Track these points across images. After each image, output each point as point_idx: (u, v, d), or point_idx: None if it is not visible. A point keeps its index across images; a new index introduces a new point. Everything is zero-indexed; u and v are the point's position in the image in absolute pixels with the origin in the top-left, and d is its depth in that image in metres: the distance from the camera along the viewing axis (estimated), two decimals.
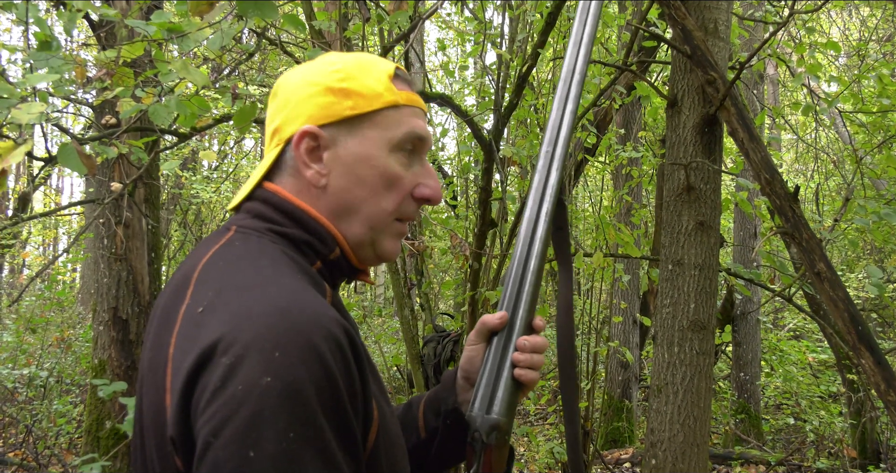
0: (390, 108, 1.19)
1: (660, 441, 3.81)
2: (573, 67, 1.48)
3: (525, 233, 1.37)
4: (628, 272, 8.37)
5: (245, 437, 0.88)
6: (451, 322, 6.41)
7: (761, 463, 7.58)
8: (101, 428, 5.32)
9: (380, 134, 1.18)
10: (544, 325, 1.35)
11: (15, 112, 1.86)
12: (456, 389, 1.40)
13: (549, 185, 1.40)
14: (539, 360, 1.31)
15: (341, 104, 1.18)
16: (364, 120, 1.18)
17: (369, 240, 1.20)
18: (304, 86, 1.21)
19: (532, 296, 1.33)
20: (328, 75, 1.20)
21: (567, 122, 1.44)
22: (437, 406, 1.40)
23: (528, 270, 1.34)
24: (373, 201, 1.18)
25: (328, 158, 1.18)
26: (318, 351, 0.93)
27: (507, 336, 1.32)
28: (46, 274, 10.88)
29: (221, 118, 3.77)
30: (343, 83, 1.18)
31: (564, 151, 1.42)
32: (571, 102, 1.45)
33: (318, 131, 1.17)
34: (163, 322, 1.08)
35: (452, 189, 6.64)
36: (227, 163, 13.14)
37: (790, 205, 3.58)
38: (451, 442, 1.35)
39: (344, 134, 1.18)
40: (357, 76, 1.19)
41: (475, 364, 1.36)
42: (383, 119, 1.19)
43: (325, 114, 1.18)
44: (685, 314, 3.81)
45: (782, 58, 5.58)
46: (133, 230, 5.45)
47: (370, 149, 1.18)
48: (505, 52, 5.01)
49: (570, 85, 1.47)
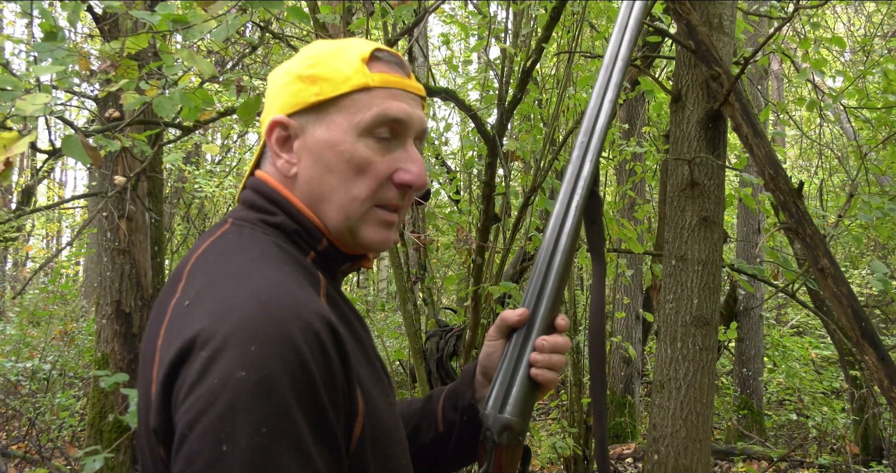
0: (359, 92, 1.15)
1: (662, 436, 3.81)
2: (616, 53, 1.41)
3: (553, 226, 1.32)
4: (631, 267, 8.37)
5: (219, 430, 0.88)
6: (453, 317, 6.41)
7: (763, 459, 7.58)
8: (104, 421, 5.33)
9: (346, 118, 1.15)
10: (567, 325, 1.31)
11: (19, 103, 1.86)
12: (474, 384, 1.38)
13: (581, 177, 1.34)
14: (558, 361, 1.27)
15: (308, 90, 1.16)
16: (330, 105, 1.16)
17: (346, 229, 1.17)
18: (282, 77, 1.21)
19: (556, 294, 1.29)
20: (301, 63, 1.19)
21: (606, 111, 1.37)
22: (454, 401, 1.39)
23: (553, 266, 1.29)
24: (343, 188, 1.15)
25: (298, 147, 1.17)
26: (295, 344, 0.93)
27: (527, 334, 1.28)
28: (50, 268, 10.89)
29: (225, 111, 3.77)
30: (311, 69, 1.17)
31: (601, 142, 1.36)
32: (612, 90, 1.38)
33: (287, 120, 1.17)
34: (156, 314, 1.09)
35: (456, 184, 6.63)
36: (231, 158, 13.14)
37: (794, 200, 3.57)
38: (468, 438, 1.33)
39: (312, 121, 1.16)
40: (327, 61, 1.17)
41: (493, 359, 1.34)
42: (352, 103, 1.15)
43: (293, 103, 1.17)
44: (688, 309, 3.81)
45: (787, 53, 5.57)
46: (136, 223, 5.45)
47: (336, 135, 1.15)
48: (509, 46, 5.00)
49: (611, 71, 1.40)
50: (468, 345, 4.62)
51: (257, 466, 0.88)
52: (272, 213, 1.16)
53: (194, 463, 0.89)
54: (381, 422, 1.09)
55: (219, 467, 0.88)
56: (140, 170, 4.14)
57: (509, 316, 1.30)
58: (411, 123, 1.19)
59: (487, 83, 6.17)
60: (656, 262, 5.77)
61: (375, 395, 1.10)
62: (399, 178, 1.17)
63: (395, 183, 1.17)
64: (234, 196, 12.36)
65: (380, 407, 1.10)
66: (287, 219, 1.15)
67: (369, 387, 1.09)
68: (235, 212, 1.20)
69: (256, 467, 0.88)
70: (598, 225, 1.38)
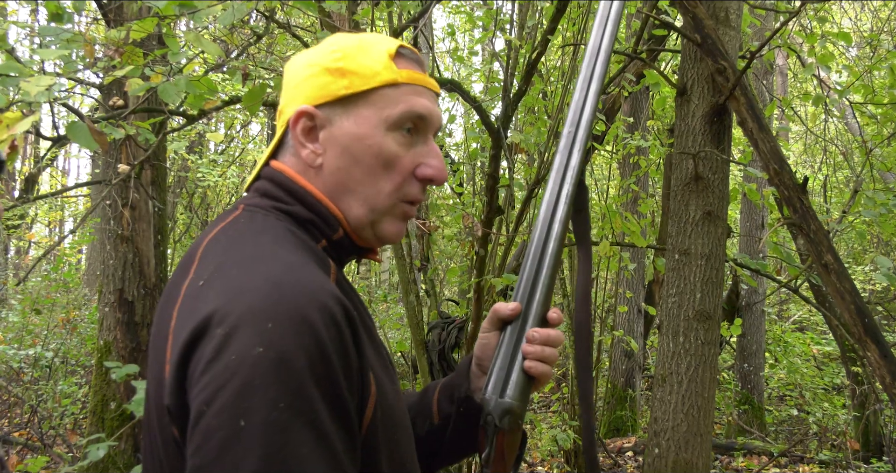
0: (388, 87, 1.18)
1: (663, 430, 3.81)
2: (598, 46, 1.43)
3: (544, 215, 1.34)
4: (634, 261, 8.36)
5: (236, 407, 0.89)
6: (456, 308, 6.41)
7: (764, 454, 7.59)
8: (107, 410, 5.34)
9: (375, 112, 1.17)
10: (560, 319, 1.32)
11: (24, 84, 1.86)
12: (470, 376, 1.38)
13: (570, 167, 1.36)
14: (551, 354, 1.28)
15: (337, 83, 1.17)
16: (359, 99, 1.17)
17: (369, 222, 1.19)
18: (305, 68, 1.21)
19: (548, 286, 1.30)
20: (327, 56, 1.20)
21: (590, 103, 1.39)
22: (450, 393, 1.39)
23: (546, 254, 1.31)
24: (370, 182, 1.18)
25: (324, 138, 1.18)
26: (312, 323, 0.94)
27: (521, 327, 1.29)
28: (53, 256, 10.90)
29: (230, 100, 3.77)
30: (339, 63, 1.18)
31: (587, 132, 1.38)
32: (595, 82, 1.41)
33: (314, 111, 1.17)
34: (167, 297, 1.09)
35: (460, 176, 6.63)
36: (234, 147, 13.14)
37: (798, 195, 3.57)
38: (465, 429, 1.34)
39: (339, 113, 1.17)
40: (355, 55, 1.18)
41: (488, 351, 1.35)
42: (380, 98, 1.17)
43: (321, 94, 1.18)
44: (691, 304, 3.81)
45: (793, 48, 5.55)
46: (140, 212, 5.45)
47: (365, 129, 1.17)
48: (514, 38, 4.99)
49: (594, 64, 1.42)
50: (470, 337, 4.62)
51: (274, 442, 0.88)
52: (285, 202, 1.17)
53: (211, 440, 0.89)
54: (390, 407, 1.10)
55: (236, 443, 0.88)
56: (144, 159, 4.13)
57: (502, 310, 1.31)
58: (432, 119, 1.22)
59: (492, 74, 6.16)
60: (659, 256, 5.76)
61: (384, 380, 1.11)
62: (422, 173, 1.21)
63: (418, 177, 1.21)
64: (236, 186, 12.38)
65: (389, 393, 1.11)
66: (301, 209, 1.16)
67: (379, 372, 1.10)
68: (247, 198, 1.20)
69: (273, 442, 0.88)
70: (584, 213, 1.39)
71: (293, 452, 0.89)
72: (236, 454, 0.88)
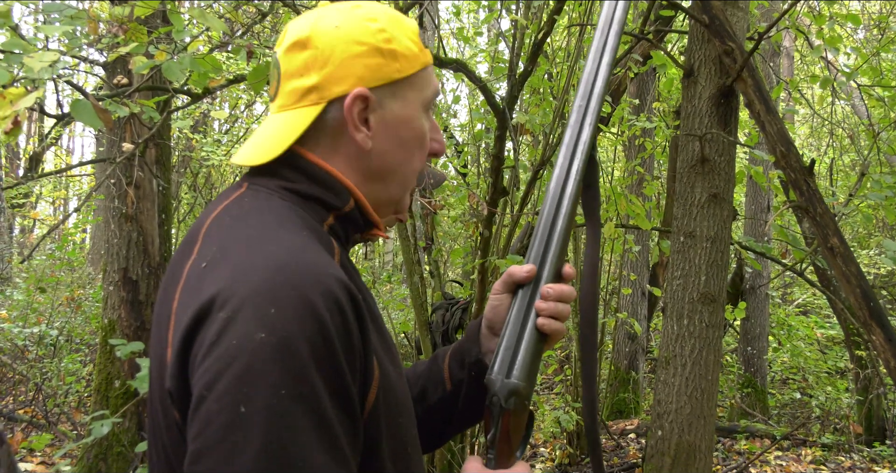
0: (423, 69, 1.20)
1: (666, 412, 3.82)
2: (611, 15, 1.39)
3: (554, 190, 1.31)
4: (638, 243, 8.36)
5: (237, 392, 0.88)
6: (460, 289, 6.42)
7: (766, 437, 7.60)
8: (111, 388, 5.36)
9: (417, 95, 1.19)
10: (573, 273, 1.30)
11: (27, 60, 1.85)
12: (480, 339, 1.37)
13: (580, 141, 1.33)
14: (564, 310, 1.26)
15: (390, 66, 1.15)
16: (405, 82, 1.17)
17: (398, 199, 1.23)
18: (349, 44, 1.14)
19: (560, 250, 1.29)
20: (374, 34, 1.15)
21: (602, 75, 1.36)
22: (461, 358, 1.38)
23: (555, 229, 1.29)
24: (408, 162, 1.20)
25: (374, 121, 1.16)
26: (314, 307, 0.93)
27: (534, 289, 1.27)
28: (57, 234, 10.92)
29: (234, 79, 3.75)
30: (390, 45, 1.15)
31: (599, 105, 1.35)
32: (608, 54, 1.37)
33: (370, 94, 1.14)
34: (170, 277, 1.08)
35: (465, 157, 6.61)
36: (238, 128, 13.12)
37: (805, 178, 3.55)
38: (477, 394, 1.32)
39: (389, 96, 1.16)
40: (398, 37, 1.17)
41: (499, 313, 1.33)
42: (419, 80, 1.19)
43: (375, 77, 1.15)
44: (696, 286, 3.80)
45: (801, 29, 5.52)
46: (144, 191, 5.45)
47: (410, 111, 1.18)
48: (521, 18, 4.96)
49: (607, 34, 1.39)
50: (474, 318, 4.62)
51: (275, 428, 0.88)
52: (293, 181, 1.14)
53: (212, 425, 0.89)
54: (393, 391, 1.09)
55: (237, 428, 0.88)
56: (148, 137, 4.12)
57: (516, 272, 1.29)
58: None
59: (497, 55, 6.13)
60: (664, 239, 5.76)
61: (387, 364, 1.10)
62: (432, 149, 1.24)
63: (429, 153, 1.24)
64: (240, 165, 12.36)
65: (392, 376, 1.10)
66: (309, 186, 1.14)
67: (382, 355, 1.09)
68: (252, 176, 1.17)
69: (274, 429, 0.88)
70: (593, 188, 1.36)
71: (294, 438, 0.89)
72: (236, 439, 0.88)
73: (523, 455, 1.28)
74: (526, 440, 1.28)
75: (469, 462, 1.24)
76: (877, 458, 7.17)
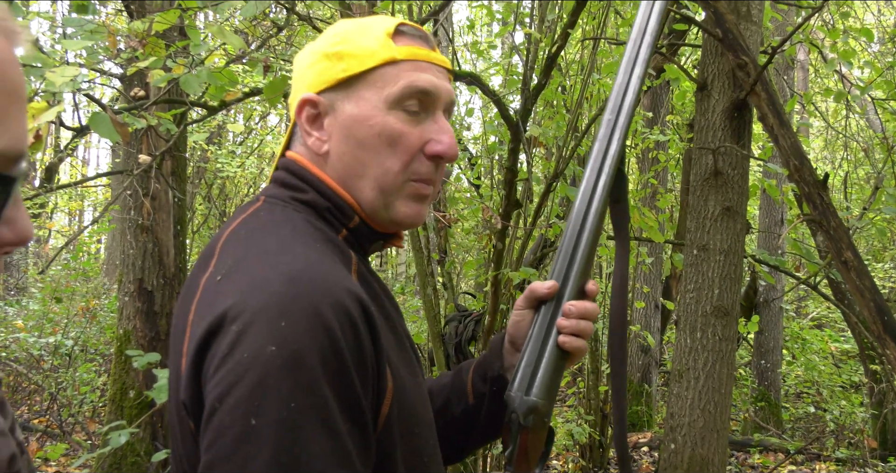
0: (387, 65, 1.15)
1: (679, 425, 3.81)
2: (644, 27, 1.37)
3: (579, 205, 1.29)
4: (651, 256, 8.35)
5: (248, 404, 0.89)
6: (473, 301, 6.42)
7: (780, 451, 7.57)
8: (126, 398, 5.39)
9: (375, 92, 1.14)
10: (597, 290, 1.29)
11: (49, 75, 1.88)
12: (502, 354, 1.37)
13: (608, 155, 1.30)
14: (587, 328, 1.25)
15: (335, 67, 1.16)
16: (359, 81, 1.15)
17: (382, 204, 1.16)
18: (307, 56, 1.21)
19: (584, 266, 1.27)
20: (326, 41, 1.19)
21: (633, 88, 1.33)
22: (483, 372, 1.38)
23: (580, 243, 1.27)
24: (376, 163, 1.14)
25: (328, 124, 1.17)
26: (325, 320, 0.93)
27: (556, 306, 1.26)
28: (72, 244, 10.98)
29: (250, 92, 3.78)
30: (336, 47, 1.16)
31: (628, 119, 1.32)
32: (640, 66, 1.34)
33: (316, 98, 1.16)
34: (187, 290, 1.09)
35: (478, 169, 6.63)
36: (252, 139, 13.18)
37: (818, 192, 3.55)
38: (499, 408, 1.32)
39: (341, 98, 1.16)
40: (352, 38, 1.17)
41: (521, 328, 1.32)
42: (379, 77, 1.14)
43: (321, 80, 1.16)
44: (709, 299, 3.80)
45: (815, 43, 5.52)
46: (160, 202, 5.49)
47: (366, 110, 1.14)
48: (535, 31, 4.98)
49: (639, 46, 1.36)
50: (487, 330, 4.62)
51: (285, 440, 0.89)
52: (303, 191, 1.16)
53: (224, 436, 0.90)
54: (409, 401, 1.09)
55: (247, 440, 0.89)
56: (165, 149, 4.16)
57: (538, 288, 1.28)
58: (439, 95, 1.18)
59: (511, 68, 6.15)
60: (677, 251, 5.75)
61: (404, 374, 1.10)
62: (431, 150, 1.17)
63: (427, 154, 1.17)
64: (254, 177, 12.42)
65: (408, 386, 1.10)
66: (317, 197, 1.15)
67: (398, 366, 1.09)
68: (267, 189, 1.20)
69: (285, 441, 0.89)
70: (622, 203, 1.34)
71: (304, 451, 0.89)
72: (247, 452, 0.89)
73: (542, 472, 1.28)
74: (545, 457, 1.28)
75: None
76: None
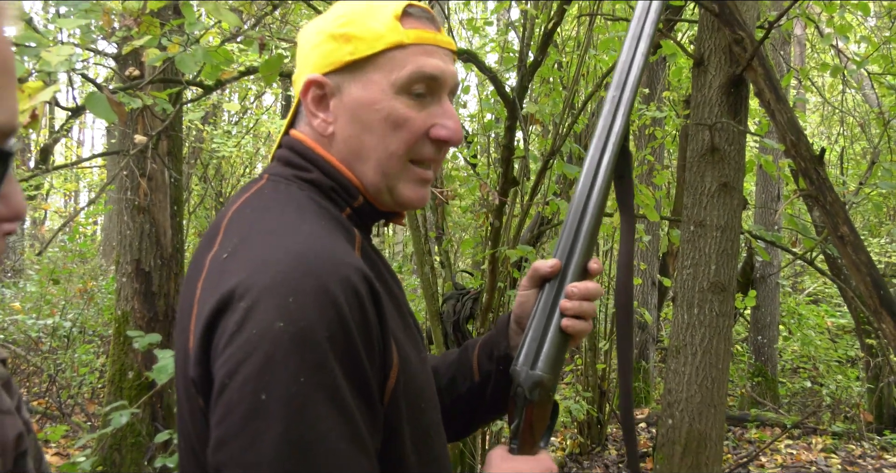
0: (395, 49, 1.14)
1: (677, 401, 3.83)
2: (648, 4, 1.36)
3: (584, 182, 1.29)
4: (648, 232, 8.35)
5: (257, 380, 0.90)
6: (470, 280, 6.43)
7: (777, 426, 7.61)
8: (125, 379, 5.40)
9: (383, 76, 1.14)
10: (600, 269, 1.29)
11: (44, 54, 1.87)
12: (508, 333, 1.38)
13: (613, 132, 1.30)
14: (589, 308, 1.26)
15: (342, 49, 1.15)
16: (367, 64, 1.14)
17: (385, 187, 1.17)
18: (312, 36, 1.20)
19: (588, 244, 1.27)
20: (332, 22, 1.18)
21: (637, 65, 1.32)
22: (490, 351, 1.38)
23: (584, 221, 1.27)
24: (381, 146, 1.15)
25: (334, 106, 1.16)
26: (333, 296, 0.94)
27: (560, 284, 1.26)
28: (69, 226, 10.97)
29: (246, 71, 3.76)
30: (344, 28, 1.16)
31: (633, 96, 1.31)
32: (644, 42, 1.33)
33: (323, 79, 1.16)
34: (193, 269, 1.10)
35: (474, 147, 6.62)
36: (248, 119, 13.14)
37: (815, 167, 3.55)
38: (504, 387, 1.32)
39: (348, 80, 1.15)
40: (359, 20, 1.16)
41: (526, 308, 1.33)
42: (387, 61, 1.14)
43: (327, 62, 1.16)
44: (706, 275, 3.81)
45: (811, 17, 5.50)
46: (156, 182, 5.47)
47: (373, 93, 1.14)
48: (530, 8, 4.95)
49: (643, 23, 1.35)
50: (485, 308, 4.64)
51: (295, 415, 0.90)
52: (307, 170, 1.16)
53: (233, 412, 0.91)
54: (414, 377, 1.10)
55: (257, 416, 0.90)
56: (161, 129, 4.14)
57: (541, 267, 1.28)
58: (445, 79, 1.18)
59: (507, 45, 6.12)
60: (674, 228, 5.76)
61: (409, 350, 1.11)
62: (436, 134, 1.17)
63: (432, 138, 1.17)
64: (250, 156, 12.39)
65: (413, 362, 1.11)
66: (322, 176, 1.15)
67: (403, 342, 1.09)
68: (271, 167, 1.20)
69: (294, 416, 0.90)
70: (627, 179, 1.35)
71: (313, 426, 0.90)
72: (257, 427, 0.90)
73: (547, 445, 1.29)
74: (550, 430, 1.29)
75: (494, 449, 1.26)
76: (887, 446, 7.18)
